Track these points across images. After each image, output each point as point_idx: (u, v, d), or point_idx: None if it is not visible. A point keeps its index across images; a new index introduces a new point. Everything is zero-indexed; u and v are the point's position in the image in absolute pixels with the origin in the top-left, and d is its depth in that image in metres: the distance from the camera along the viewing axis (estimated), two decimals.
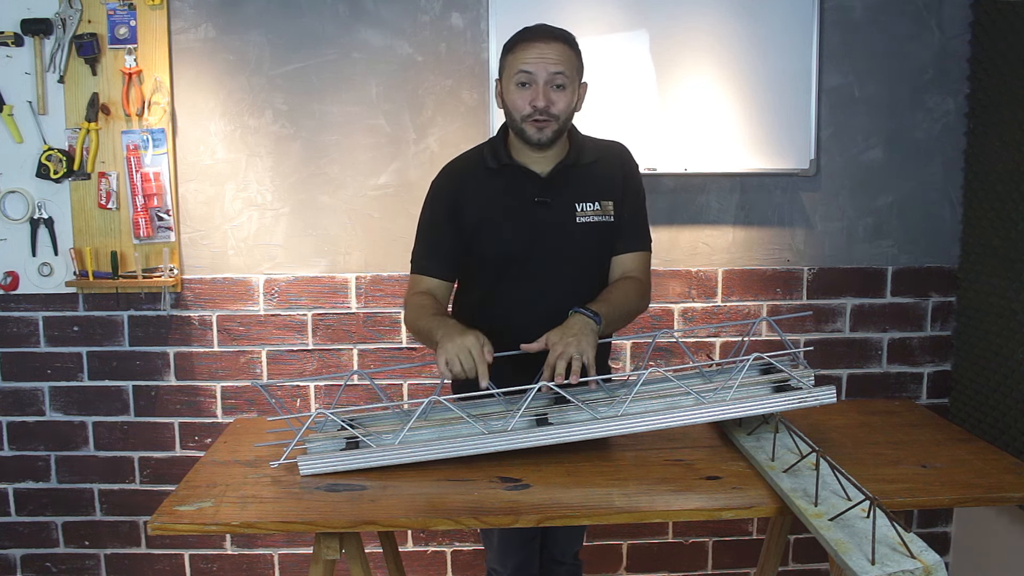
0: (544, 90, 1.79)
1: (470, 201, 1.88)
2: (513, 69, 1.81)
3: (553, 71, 1.78)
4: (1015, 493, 1.54)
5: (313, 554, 1.59)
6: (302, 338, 2.65)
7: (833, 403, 1.66)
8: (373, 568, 2.53)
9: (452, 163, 1.97)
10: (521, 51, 1.80)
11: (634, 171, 1.97)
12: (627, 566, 2.80)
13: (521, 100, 1.80)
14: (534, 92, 1.79)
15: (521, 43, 1.81)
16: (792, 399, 1.65)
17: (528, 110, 1.80)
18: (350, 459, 1.65)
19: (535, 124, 1.80)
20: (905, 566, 1.21)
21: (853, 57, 2.61)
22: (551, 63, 1.78)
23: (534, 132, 1.81)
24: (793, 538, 2.79)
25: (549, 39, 1.80)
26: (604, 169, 1.92)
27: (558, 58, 1.79)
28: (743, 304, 2.70)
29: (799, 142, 2.60)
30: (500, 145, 1.91)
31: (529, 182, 1.88)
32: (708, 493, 1.53)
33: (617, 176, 1.92)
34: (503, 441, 1.65)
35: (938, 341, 2.75)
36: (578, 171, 1.89)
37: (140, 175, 2.51)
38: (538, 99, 1.78)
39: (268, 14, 2.54)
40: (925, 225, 2.70)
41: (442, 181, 1.94)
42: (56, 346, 2.63)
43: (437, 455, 1.66)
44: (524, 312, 1.87)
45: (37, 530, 2.72)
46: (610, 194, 1.90)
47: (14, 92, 2.49)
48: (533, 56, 1.79)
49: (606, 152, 1.95)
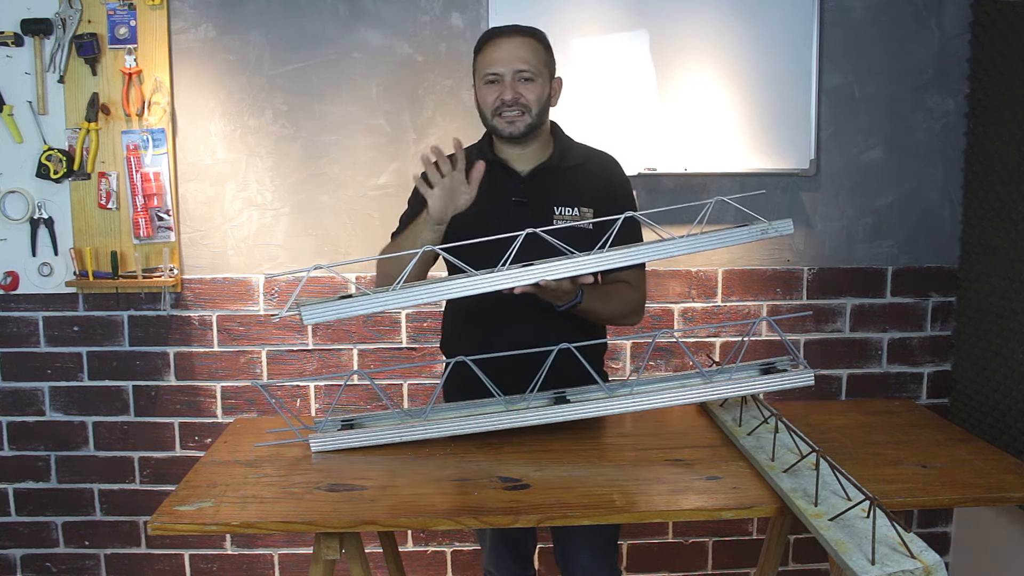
0: (511, 84, 1.83)
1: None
2: (482, 69, 1.86)
3: (518, 67, 1.83)
4: (1015, 493, 1.54)
5: (313, 554, 1.59)
6: (302, 338, 2.65)
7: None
8: (373, 568, 2.53)
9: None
10: (487, 51, 1.85)
11: (623, 183, 1.97)
12: (627, 566, 2.80)
13: (490, 96, 1.85)
14: (501, 88, 1.83)
15: (487, 43, 1.86)
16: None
17: (496, 104, 1.84)
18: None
19: (504, 118, 1.84)
20: (905, 566, 1.21)
21: (853, 57, 2.61)
22: (516, 59, 1.83)
23: (505, 125, 1.85)
24: (793, 538, 2.79)
25: (513, 35, 1.85)
26: (588, 176, 1.92)
27: (523, 53, 1.83)
28: (743, 304, 2.70)
29: (799, 142, 2.60)
30: (486, 145, 1.94)
31: (509, 179, 1.90)
32: (708, 493, 1.53)
33: (600, 186, 1.92)
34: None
35: (938, 341, 2.75)
36: (560, 173, 1.90)
37: (140, 175, 2.51)
38: (505, 92, 1.83)
39: (268, 14, 2.54)
40: (925, 225, 2.70)
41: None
42: (56, 346, 2.63)
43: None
44: (503, 313, 1.85)
45: (37, 530, 2.72)
46: (591, 202, 1.89)
47: (14, 92, 2.49)
48: (498, 54, 1.83)
49: (593, 160, 1.95)
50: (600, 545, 1.95)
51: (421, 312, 2.65)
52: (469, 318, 1.94)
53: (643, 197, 2.63)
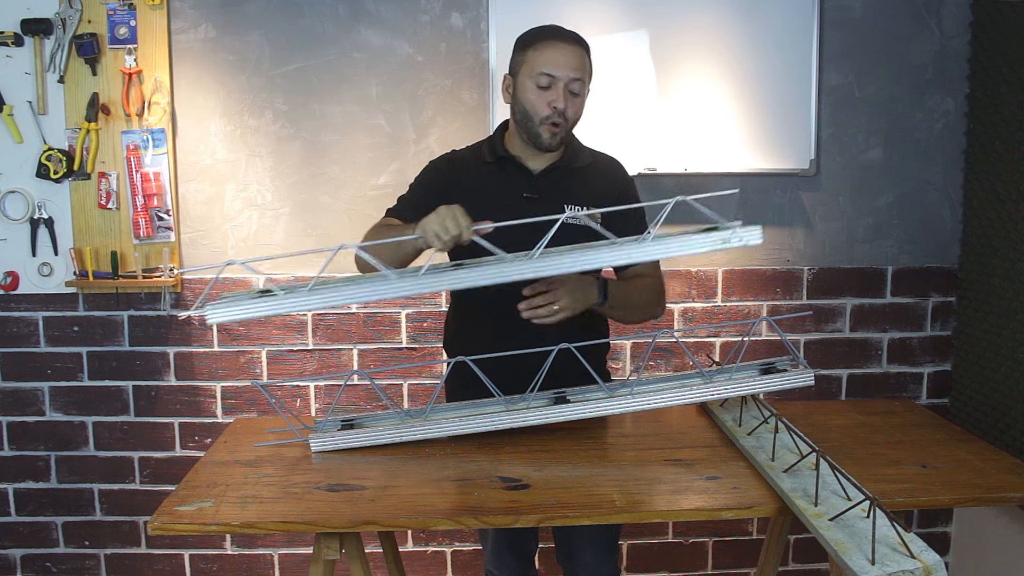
0: (564, 93, 1.76)
1: (459, 191, 1.86)
2: (534, 67, 1.77)
3: (574, 76, 1.77)
4: (1015, 493, 1.54)
5: (313, 554, 1.58)
6: (302, 338, 2.65)
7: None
8: (373, 568, 2.53)
9: (453, 151, 1.98)
10: (545, 49, 1.76)
11: (629, 186, 1.97)
12: (627, 566, 2.80)
13: (540, 101, 1.78)
14: (555, 94, 1.76)
15: (545, 41, 1.77)
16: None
17: (547, 111, 1.77)
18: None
19: (551, 128, 1.79)
20: (905, 566, 1.21)
21: (853, 57, 2.61)
22: (573, 68, 1.76)
23: (548, 136, 1.80)
24: (793, 538, 2.79)
25: (572, 42, 1.78)
26: (596, 177, 1.91)
27: (579, 63, 1.77)
28: (743, 304, 2.70)
29: (799, 142, 2.60)
30: (498, 140, 1.91)
31: (521, 177, 1.88)
32: (708, 493, 1.53)
33: (609, 188, 1.91)
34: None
35: (938, 341, 2.75)
36: (570, 173, 1.89)
37: (140, 175, 2.51)
38: (559, 100, 1.76)
39: (268, 14, 2.54)
40: (925, 225, 2.70)
41: (441, 163, 1.95)
42: (56, 346, 2.63)
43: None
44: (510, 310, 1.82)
45: (37, 530, 2.72)
46: (599, 203, 1.88)
47: (14, 92, 2.49)
48: (558, 57, 1.76)
49: (600, 162, 1.95)
50: (603, 543, 1.96)
51: (421, 312, 2.65)
52: (475, 316, 1.93)
53: (643, 197, 2.61)
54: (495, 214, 1.83)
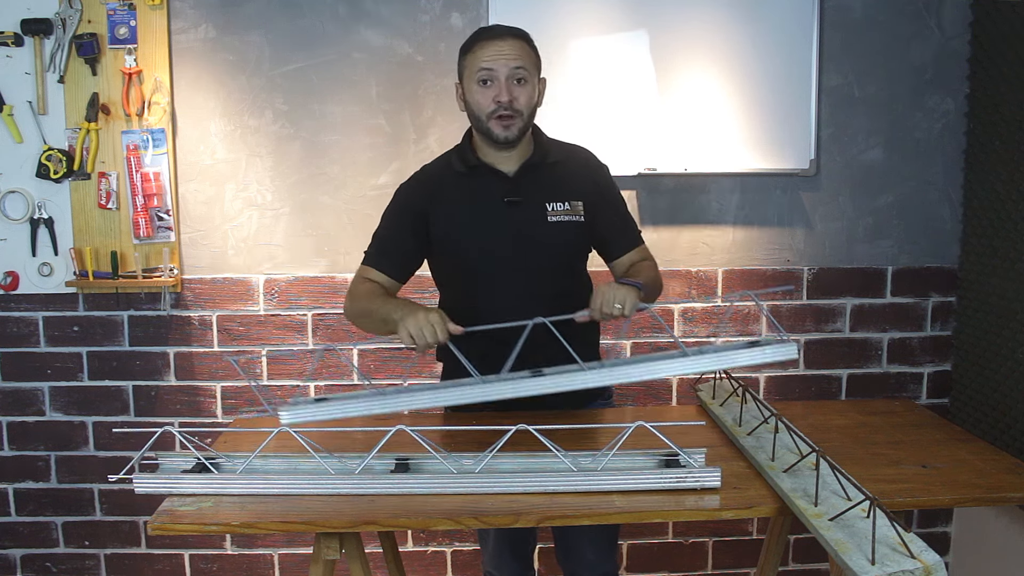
0: (506, 85, 1.80)
1: (440, 205, 1.89)
2: (473, 68, 1.82)
3: (513, 66, 1.80)
4: (1015, 493, 1.54)
5: (313, 554, 1.59)
6: (302, 338, 2.65)
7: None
8: (373, 568, 2.53)
9: (421, 170, 1.99)
10: (480, 50, 1.82)
11: (605, 174, 1.98)
12: (627, 566, 2.80)
13: (484, 98, 1.82)
14: (496, 88, 1.81)
15: (479, 42, 1.83)
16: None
17: (492, 107, 1.81)
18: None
19: (500, 121, 1.82)
20: (905, 566, 1.21)
21: (853, 57, 2.61)
22: (511, 59, 1.80)
23: (500, 130, 1.83)
24: (793, 538, 2.79)
25: (506, 36, 1.83)
26: (571, 170, 1.93)
27: (517, 53, 1.81)
28: (743, 304, 2.70)
29: (799, 142, 2.60)
30: (467, 148, 1.92)
31: (498, 182, 1.89)
32: (708, 493, 1.53)
33: (587, 179, 1.93)
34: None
35: (938, 341, 2.75)
36: (545, 170, 1.90)
37: (140, 175, 2.51)
38: (501, 94, 1.80)
39: (268, 14, 2.54)
40: (925, 225, 2.70)
41: (411, 187, 1.96)
42: (56, 346, 2.63)
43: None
44: (502, 312, 1.80)
45: (37, 530, 2.72)
46: (579, 195, 1.90)
47: (14, 92, 2.49)
48: (492, 53, 1.81)
49: (571, 154, 1.96)
50: (604, 540, 1.96)
51: None
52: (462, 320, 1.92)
53: (643, 197, 2.63)
54: (480, 221, 1.85)
